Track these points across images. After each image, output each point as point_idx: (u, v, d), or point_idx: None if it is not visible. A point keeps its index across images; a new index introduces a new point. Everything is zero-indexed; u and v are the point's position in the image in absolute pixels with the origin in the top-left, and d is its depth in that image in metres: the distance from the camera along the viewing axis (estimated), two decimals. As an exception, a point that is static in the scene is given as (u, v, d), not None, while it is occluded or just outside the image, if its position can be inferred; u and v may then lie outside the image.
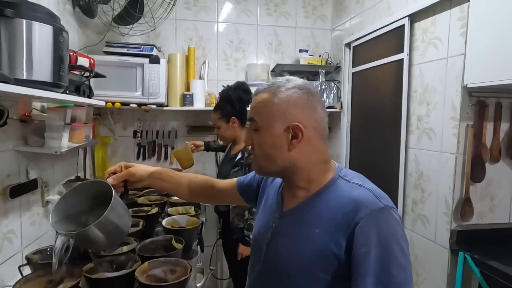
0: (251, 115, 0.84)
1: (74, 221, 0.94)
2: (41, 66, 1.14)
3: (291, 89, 0.81)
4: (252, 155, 0.87)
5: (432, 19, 1.80)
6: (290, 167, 0.82)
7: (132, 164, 1.05)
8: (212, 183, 1.14)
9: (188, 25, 2.78)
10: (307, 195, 0.83)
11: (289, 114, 0.79)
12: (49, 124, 1.54)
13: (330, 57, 2.91)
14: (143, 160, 2.79)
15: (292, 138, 0.79)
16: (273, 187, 0.98)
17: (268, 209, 0.95)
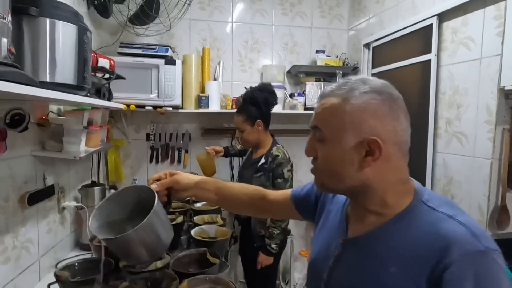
0: (315, 122, 0.71)
1: (114, 229, 0.89)
2: (65, 68, 1.08)
3: (368, 94, 0.66)
4: (314, 166, 0.74)
5: (462, 18, 1.73)
6: (360, 187, 0.69)
7: (177, 172, 0.98)
8: (263, 194, 1.03)
9: (202, 25, 2.72)
10: (379, 222, 0.70)
11: (364, 125, 0.65)
12: (68, 128, 1.47)
13: (347, 58, 2.83)
14: (156, 164, 2.73)
15: (366, 155, 0.66)
16: (336, 204, 0.85)
17: (329, 230, 0.83)
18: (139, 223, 0.80)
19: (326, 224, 0.85)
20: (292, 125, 2.87)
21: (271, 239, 1.89)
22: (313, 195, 0.95)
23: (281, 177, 1.90)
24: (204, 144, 2.76)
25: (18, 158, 1.33)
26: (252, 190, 1.04)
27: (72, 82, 1.10)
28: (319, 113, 0.71)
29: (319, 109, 0.71)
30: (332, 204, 0.87)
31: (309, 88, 2.67)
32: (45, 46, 1.03)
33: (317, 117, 0.71)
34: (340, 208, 0.82)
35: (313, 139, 0.72)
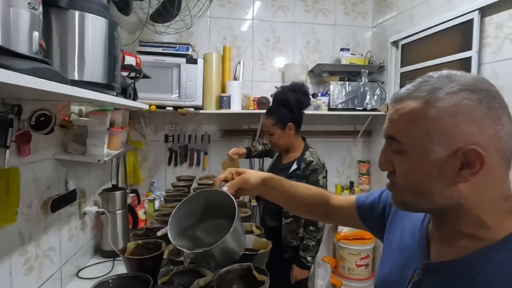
0: (390, 132, 0.60)
1: (186, 236, 0.83)
2: (95, 65, 1.00)
3: (458, 93, 0.54)
4: (391, 181, 0.63)
5: (509, 12, 1.61)
6: (452, 206, 0.57)
7: (244, 170, 0.90)
8: (327, 198, 0.95)
9: (222, 23, 2.63)
10: (475, 246, 0.57)
11: (457, 132, 0.53)
12: (92, 130, 1.40)
13: (372, 56, 2.72)
14: (174, 166, 2.65)
15: (462, 167, 0.54)
16: (411, 220, 0.73)
17: (403, 250, 0.71)
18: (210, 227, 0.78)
19: (399, 242, 0.73)
20: (315, 126, 2.77)
21: (306, 252, 1.76)
22: (381, 205, 0.85)
23: (316, 184, 1.75)
24: (224, 146, 2.68)
25: (41, 161, 1.25)
26: (316, 192, 0.96)
27: (102, 80, 1.02)
28: (395, 121, 0.59)
29: (394, 115, 0.59)
30: (406, 220, 0.75)
31: (333, 88, 2.56)
32: (74, 41, 0.95)
33: (392, 125, 0.60)
34: (418, 226, 0.70)
35: (388, 150, 0.62)
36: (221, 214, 0.84)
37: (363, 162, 2.89)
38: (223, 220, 0.83)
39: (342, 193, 2.81)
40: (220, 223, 0.83)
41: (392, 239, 0.76)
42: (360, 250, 2.63)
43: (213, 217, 0.84)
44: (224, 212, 0.83)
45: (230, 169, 0.90)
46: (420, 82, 0.58)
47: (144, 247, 1.22)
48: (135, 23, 2.36)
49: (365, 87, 2.59)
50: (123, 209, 1.78)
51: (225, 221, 0.82)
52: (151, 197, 2.30)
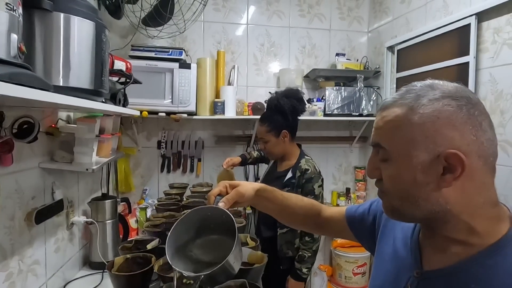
0: (376, 139, 0.61)
1: (182, 254, 0.78)
2: (81, 70, 0.95)
3: (440, 100, 0.55)
4: (380, 188, 0.64)
5: (507, 17, 1.59)
6: (440, 212, 0.57)
7: (238, 183, 0.87)
8: (319, 210, 0.94)
9: (217, 27, 2.59)
10: (467, 253, 0.57)
11: (439, 137, 0.54)
12: (80, 138, 1.34)
13: (368, 61, 2.70)
14: (167, 173, 2.59)
15: (444, 172, 0.55)
16: (402, 230, 0.72)
17: (395, 259, 0.70)
18: (207, 243, 0.75)
19: (391, 252, 0.73)
20: (311, 132, 2.73)
21: (302, 263, 1.70)
22: (371, 216, 0.84)
23: (312, 193, 1.70)
24: (218, 152, 2.63)
25: (26, 171, 1.19)
26: (308, 203, 0.95)
27: (89, 86, 0.97)
28: (381, 128, 0.60)
29: (380, 122, 0.61)
30: (397, 230, 0.74)
31: (329, 93, 2.53)
32: (59, 45, 0.90)
33: (378, 132, 0.61)
34: (409, 235, 0.70)
35: (375, 158, 0.63)
36: (216, 228, 0.80)
37: (359, 168, 2.86)
38: (219, 234, 0.79)
39: (338, 199, 2.77)
40: (215, 238, 0.79)
41: (384, 250, 0.76)
42: (357, 258, 2.59)
43: (208, 231, 0.80)
44: (219, 226, 0.79)
45: (223, 182, 0.86)
46: (405, 91, 0.60)
47: (133, 261, 1.16)
48: (127, 27, 2.31)
49: (361, 92, 2.56)
50: (113, 219, 1.72)
51: (220, 236, 0.78)
52: (143, 205, 2.23)
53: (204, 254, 0.77)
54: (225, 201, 0.80)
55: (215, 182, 2.58)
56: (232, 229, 0.76)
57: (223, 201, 0.79)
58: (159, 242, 1.33)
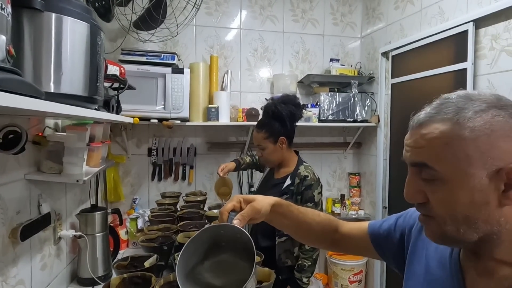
0: (420, 159, 0.56)
1: (192, 278, 0.71)
2: (74, 76, 0.87)
3: (487, 111, 0.51)
4: (425, 213, 0.58)
5: (505, 24, 1.59)
6: (498, 233, 0.54)
7: (253, 197, 0.78)
8: (336, 225, 0.88)
9: (209, 31, 2.53)
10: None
11: (495, 151, 0.51)
12: (69, 147, 1.25)
13: (361, 67, 2.69)
14: (158, 181, 2.50)
15: (506, 189, 0.51)
16: (437, 248, 0.67)
17: (435, 282, 0.65)
18: (217, 264, 0.70)
19: (426, 274, 0.67)
20: (306, 138, 2.70)
21: (302, 272, 1.66)
22: (397, 233, 0.78)
23: (312, 200, 1.67)
24: (211, 159, 2.56)
25: (10, 184, 1.10)
26: (325, 218, 0.88)
27: (82, 93, 0.89)
28: (425, 147, 0.55)
29: (421, 141, 0.55)
30: (429, 249, 0.69)
31: (323, 99, 2.50)
32: (50, 48, 0.82)
33: (421, 151, 0.55)
34: (447, 256, 0.65)
35: (417, 179, 0.57)
36: (227, 247, 0.73)
37: (353, 175, 2.83)
38: (230, 253, 0.72)
39: (333, 206, 2.74)
40: (226, 258, 0.72)
41: (416, 270, 0.71)
42: (353, 266, 2.55)
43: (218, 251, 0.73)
44: (231, 245, 0.72)
45: (237, 196, 0.78)
46: (439, 104, 0.56)
47: (130, 282, 1.08)
48: (116, 30, 2.23)
49: (355, 98, 2.54)
50: (103, 231, 1.63)
51: (232, 255, 0.72)
52: (133, 215, 2.13)
53: (215, 278, 0.70)
54: (240, 218, 0.72)
55: (208, 190, 2.52)
56: (245, 247, 0.70)
57: (238, 218, 0.72)
58: (157, 259, 1.25)
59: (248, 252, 0.68)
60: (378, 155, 2.52)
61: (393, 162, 2.40)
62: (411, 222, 0.77)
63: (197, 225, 1.63)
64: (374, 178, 2.59)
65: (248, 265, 0.69)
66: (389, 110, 2.42)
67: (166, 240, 1.46)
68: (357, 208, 2.75)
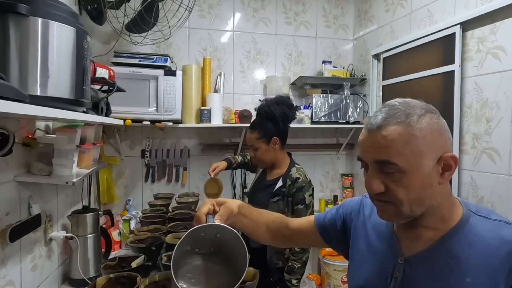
0: (383, 157, 0.66)
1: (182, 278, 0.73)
2: (60, 79, 0.89)
3: (426, 115, 0.67)
4: (384, 199, 0.69)
5: (491, 26, 1.62)
6: (433, 206, 0.69)
7: (224, 200, 0.85)
8: (286, 222, 0.98)
9: (202, 34, 2.55)
10: (436, 236, 0.70)
11: (436, 145, 0.66)
12: (59, 149, 1.26)
13: (354, 69, 2.71)
14: (152, 183, 2.51)
15: (442, 171, 0.67)
16: (374, 226, 0.82)
17: (376, 254, 0.79)
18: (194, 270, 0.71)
19: (369, 248, 0.82)
20: (298, 139, 2.72)
21: (291, 274, 1.66)
22: (340, 221, 0.92)
23: (303, 202, 1.67)
24: (204, 161, 2.58)
25: None
26: (277, 217, 0.99)
27: (69, 96, 0.91)
28: (387, 147, 0.66)
29: (382, 141, 0.66)
30: (368, 228, 0.84)
31: (316, 101, 2.52)
32: (36, 53, 0.84)
33: (384, 151, 0.66)
34: (383, 231, 0.80)
35: (379, 172, 0.68)
36: (202, 251, 0.75)
37: (346, 176, 2.85)
38: (204, 258, 0.74)
39: (326, 207, 2.76)
40: (200, 264, 0.74)
41: (360, 248, 0.84)
42: (345, 266, 2.54)
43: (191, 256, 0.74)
44: (206, 248, 0.74)
45: (210, 200, 0.82)
46: (388, 110, 0.68)
47: (117, 281, 1.09)
48: (109, 33, 2.25)
49: (348, 99, 2.56)
50: (94, 233, 1.64)
51: (205, 260, 0.74)
52: (126, 217, 2.15)
53: (195, 285, 0.71)
54: (220, 218, 0.77)
55: (201, 191, 2.52)
56: (224, 248, 0.71)
57: (217, 218, 0.76)
58: (144, 260, 1.26)
59: (227, 254, 0.70)
60: (370, 156, 2.54)
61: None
62: (349, 209, 0.91)
63: (187, 226, 1.65)
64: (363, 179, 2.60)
65: (225, 268, 0.71)
66: (381, 111, 2.44)
67: (155, 240, 1.47)
68: (350, 209, 2.77)
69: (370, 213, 0.85)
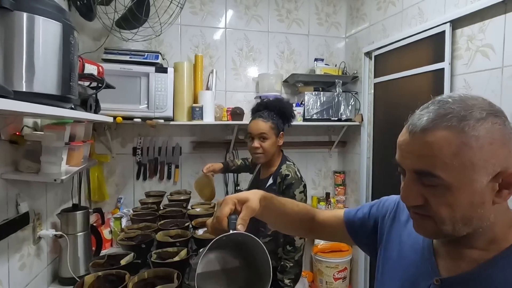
0: (424, 167, 0.56)
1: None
2: (47, 75, 0.88)
3: (487, 120, 0.53)
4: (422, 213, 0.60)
5: (480, 25, 1.63)
6: (484, 227, 0.58)
7: (245, 197, 0.75)
8: (313, 214, 0.91)
9: (194, 31, 2.54)
10: (484, 257, 0.59)
11: (496, 158, 0.54)
12: (47, 146, 1.25)
13: (346, 67, 2.72)
14: (143, 181, 2.50)
15: (499, 189, 0.55)
16: (410, 234, 0.71)
17: (409, 266, 0.69)
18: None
19: (400, 259, 0.72)
20: (291, 137, 2.71)
21: (283, 274, 1.64)
22: (371, 221, 0.83)
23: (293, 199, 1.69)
24: (196, 158, 2.57)
25: (-15, 183, 1.09)
26: (303, 208, 0.91)
27: (55, 92, 0.90)
28: (430, 156, 0.55)
29: (425, 149, 0.55)
30: (403, 236, 0.73)
31: (308, 98, 2.53)
32: (21, 48, 0.83)
33: (425, 160, 0.55)
34: (420, 242, 0.69)
35: (417, 183, 0.58)
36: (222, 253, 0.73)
37: (338, 173, 2.87)
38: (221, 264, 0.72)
39: (318, 204, 2.77)
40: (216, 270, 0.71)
41: (390, 256, 0.75)
42: (337, 263, 2.59)
43: None
44: (223, 251, 0.72)
45: (231, 198, 0.74)
46: (438, 109, 0.56)
47: (105, 279, 1.08)
48: (99, 30, 2.22)
49: (340, 97, 2.57)
50: (85, 231, 1.62)
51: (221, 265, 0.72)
52: (117, 215, 2.13)
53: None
54: (243, 222, 0.69)
55: (193, 189, 2.52)
56: (243, 248, 0.69)
57: (241, 223, 0.69)
58: (134, 257, 1.25)
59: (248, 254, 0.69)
60: (361, 154, 2.56)
61: (376, 160, 2.43)
62: (383, 211, 0.82)
63: (178, 224, 1.64)
64: (358, 176, 2.62)
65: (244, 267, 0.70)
66: (372, 109, 2.46)
67: (145, 238, 1.46)
68: (342, 206, 2.79)
69: (407, 219, 0.74)
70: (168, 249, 1.31)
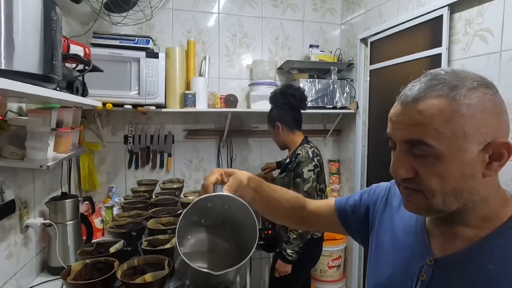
0: (415, 136, 0.55)
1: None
2: (27, 52, 0.82)
3: (478, 89, 0.53)
4: (412, 187, 0.58)
5: (478, 8, 1.60)
6: (475, 201, 0.57)
7: (233, 171, 0.77)
8: (303, 203, 0.89)
9: (187, 16, 2.47)
10: (478, 236, 0.58)
11: (487, 127, 0.53)
12: (32, 131, 1.20)
13: (341, 53, 2.68)
14: (135, 169, 2.45)
15: (490, 161, 0.54)
16: (403, 218, 0.71)
17: (401, 249, 0.68)
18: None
19: (393, 242, 0.71)
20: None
21: (287, 244, 1.77)
22: (362, 208, 0.82)
23: (300, 176, 1.79)
24: (189, 146, 2.53)
25: (-34, 169, 1.05)
26: (293, 196, 0.89)
27: (37, 71, 0.84)
28: (422, 124, 0.54)
29: (417, 117, 0.54)
30: (396, 219, 0.73)
31: (303, 85, 2.48)
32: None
33: (417, 128, 0.54)
34: (413, 223, 0.69)
35: (408, 155, 0.57)
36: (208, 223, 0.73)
37: (333, 161, 2.85)
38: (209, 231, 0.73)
39: (312, 193, 2.75)
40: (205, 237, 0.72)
41: (383, 240, 0.74)
42: (331, 251, 2.58)
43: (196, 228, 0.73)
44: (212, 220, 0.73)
45: (218, 170, 0.75)
46: (429, 80, 0.56)
47: (93, 267, 1.04)
48: (88, 13, 2.14)
49: (335, 84, 2.53)
50: (74, 220, 1.59)
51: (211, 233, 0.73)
52: (109, 204, 2.09)
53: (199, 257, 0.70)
54: (228, 188, 0.70)
55: (186, 177, 2.50)
56: (230, 220, 0.70)
57: (226, 189, 0.70)
58: (123, 244, 1.22)
59: (235, 228, 0.68)
60: (356, 142, 2.54)
61: (371, 148, 2.41)
62: (375, 197, 0.81)
63: (170, 211, 1.60)
64: (353, 165, 2.61)
65: (232, 244, 0.69)
66: (368, 96, 2.43)
67: (136, 226, 1.43)
68: (337, 194, 2.77)
69: (400, 204, 0.73)
70: (159, 236, 1.28)
